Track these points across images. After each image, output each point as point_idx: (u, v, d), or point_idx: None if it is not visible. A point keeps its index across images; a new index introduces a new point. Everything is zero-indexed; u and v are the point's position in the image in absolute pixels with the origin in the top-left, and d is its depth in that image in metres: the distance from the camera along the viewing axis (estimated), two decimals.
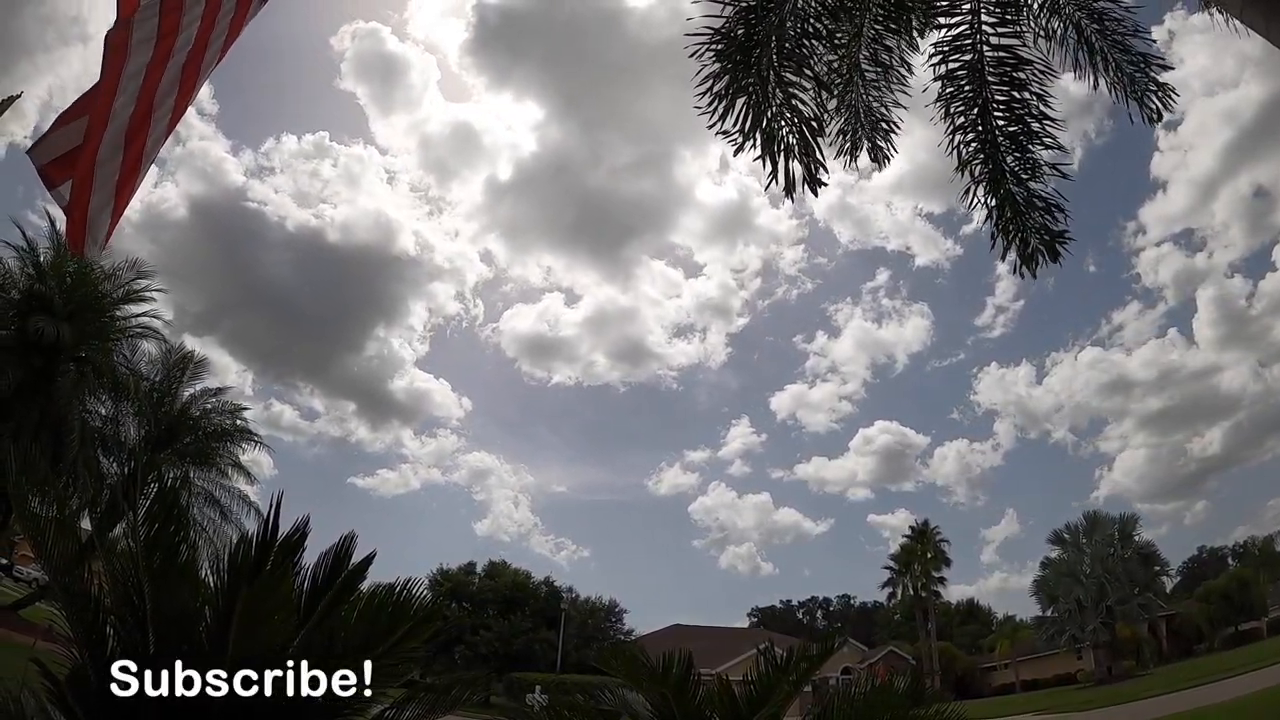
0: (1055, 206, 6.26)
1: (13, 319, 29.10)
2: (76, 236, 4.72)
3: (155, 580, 4.13)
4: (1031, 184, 6.23)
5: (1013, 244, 6.38)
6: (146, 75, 4.59)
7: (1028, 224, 6.31)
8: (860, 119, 6.65)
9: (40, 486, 4.47)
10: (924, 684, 6.12)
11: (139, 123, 4.72)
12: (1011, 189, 6.26)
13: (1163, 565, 62.68)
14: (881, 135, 6.75)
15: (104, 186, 4.68)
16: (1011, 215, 6.32)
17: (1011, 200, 6.28)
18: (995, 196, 6.31)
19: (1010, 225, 6.35)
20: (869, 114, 6.66)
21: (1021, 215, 6.29)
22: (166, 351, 34.22)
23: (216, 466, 34.08)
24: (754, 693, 5.62)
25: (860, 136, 6.74)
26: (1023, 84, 6.04)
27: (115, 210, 4.88)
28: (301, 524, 4.51)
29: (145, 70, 4.56)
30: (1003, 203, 6.31)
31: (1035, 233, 6.30)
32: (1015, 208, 6.29)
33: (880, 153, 6.79)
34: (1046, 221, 6.28)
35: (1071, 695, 46.21)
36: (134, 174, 4.90)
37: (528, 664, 67.08)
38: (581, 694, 6.31)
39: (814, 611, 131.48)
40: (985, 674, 70.28)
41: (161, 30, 4.55)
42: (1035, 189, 6.24)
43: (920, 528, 69.54)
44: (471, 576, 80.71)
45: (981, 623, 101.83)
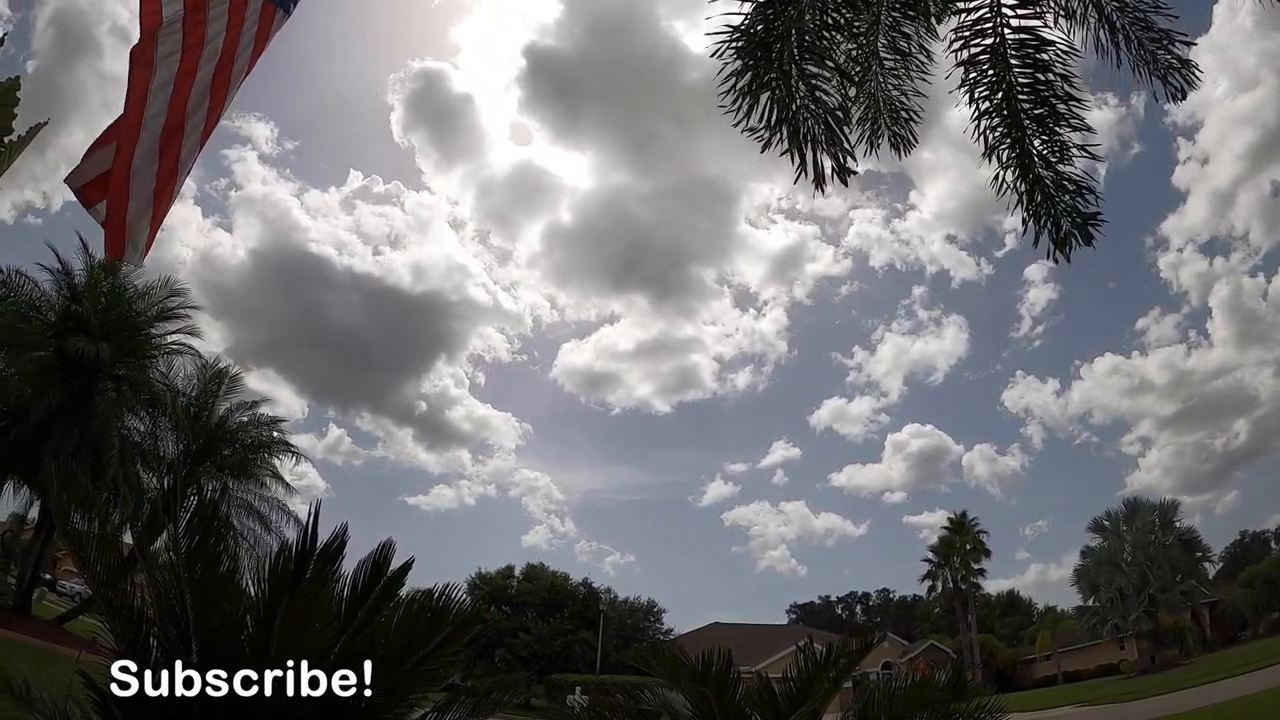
0: (1086, 189, 6.16)
1: (51, 340, 29.54)
2: (116, 243, 4.80)
3: (197, 591, 4.18)
4: (1060, 166, 6.15)
5: (1044, 229, 6.29)
6: (176, 87, 4.68)
7: (1059, 208, 6.22)
8: (881, 108, 6.59)
9: (82, 503, 4.52)
10: (965, 678, 6.06)
11: (172, 133, 4.81)
12: (1041, 173, 6.18)
13: (1205, 551, 61.57)
14: (902, 124, 6.68)
15: (140, 194, 4.78)
16: (1042, 200, 6.23)
17: (1041, 184, 6.20)
18: (1025, 181, 6.24)
19: (1041, 210, 6.26)
20: (889, 103, 6.59)
21: (1052, 199, 6.20)
22: (202, 366, 34.64)
23: (256, 478, 34.38)
24: (794, 690, 5.61)
25: (881, 126, 6.68)
26: (1046, 65, 5.96)
27: (154, 218, 4.98)
28: (340, 532, 4.55)
29: (174, 82, 4.65)
30: (1032, 187, 6.23)
31: (1067, 216, 6.21)
32: (1045, 191, 6.20)
33: (902, 141, 6.72)
34: (1078, 204, 6.18)
35: (1115, 686, 45.66)
36: (170, 183, 4.99)
37: (567, 665, 67.21)
38: (622, 694, 6.32)
39: (853, 607, 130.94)
40: (1027, 666, 69.55)
41: (187, 44, 4.65)
42: (1064, 171, 6.15)
43: (958, 519, 68.72)
44: (510, 580, 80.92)
45: (1022, 614, 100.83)
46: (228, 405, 35.04)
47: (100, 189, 4.61)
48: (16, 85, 4.31)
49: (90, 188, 4.60)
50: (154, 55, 4.46)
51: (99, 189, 4.61)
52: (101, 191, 4.62)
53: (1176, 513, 59.70)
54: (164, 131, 4.76)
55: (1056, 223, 6.22)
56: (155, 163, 4.79)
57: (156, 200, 4.95)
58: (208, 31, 4.79)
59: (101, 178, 4.60)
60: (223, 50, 4.99)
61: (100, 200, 4.63)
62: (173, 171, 4.98)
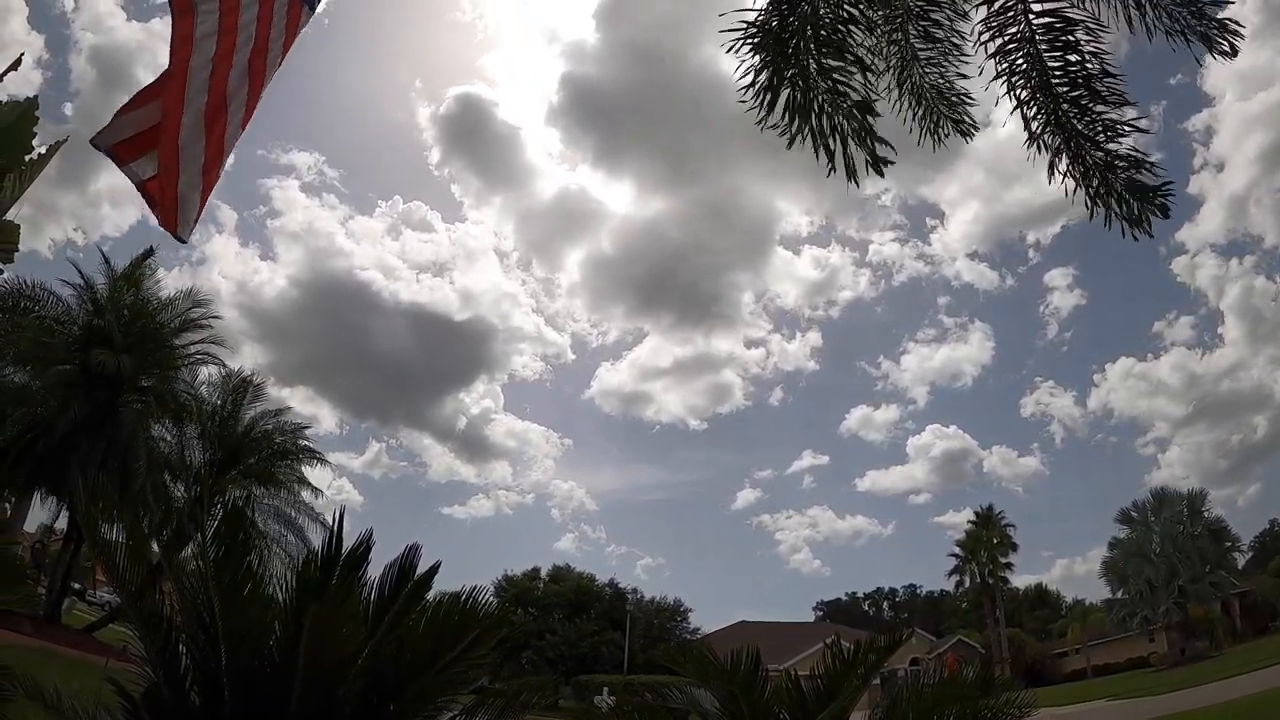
0: (1143, 162, 6.02)
1: (75, 354, 29.84)
2: (170, 216, 4.86)
3: (225, 598, 4.20)
4: (1109, 145, 6.02)
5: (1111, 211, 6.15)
6: (214, 68, 4.76)
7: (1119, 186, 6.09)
8: (928, 99, 6.53)
9: (110, 513, 4.57)
10: (993, 673, 6.01)
11: (215, 111, 4.90)
12: (1091, 155, 6.07)
13: (1234, 541, 60.93)
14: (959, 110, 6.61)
15: (190, 168, 4.86)
16: (1100, 182, 6.11)
17: (1096, 167, 6.08)
18: (1078, 167, 6.13)
19: (1103, 191, 6.14)
20: (938, 91, 6.53)
21: (1109, 180, 6.08)
22: (226, 376, 34.95)
23: (284, 485, 34.63)
24: (821, 687, 5.58)
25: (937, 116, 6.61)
26: (1076, 46, 5.88)
27: (203, 194, 5.05)
28: (365, 538, 4.58)
29: (212, 63, 4.73)
30: (1088, 171, 6.12)
31: (1133, 194, 6.07)
32: (1101, 173, 6.08)
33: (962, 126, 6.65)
34: (1140, 179, 6.04)
35: (1144, 679, 45.18)
36: (216, 161, 5.10)
37: (595, 666, 67.24)
38: (650, 693, 6.31)
39: (880, 603, 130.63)
40: (1056, 661, 68.96)
41: (222, 28, 4.74)
42: (1114, 150, 6.03)
43: (985, 513, 68.19)
44: (536, 582, 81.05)
45: (1051, 608, 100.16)
46: (253, 413, 35.35)
47: (135, 148, 4.67)
48: (35, 105, 4.37)
49: (124, 146, 4.66)
50: (193, 34, 4.53)
51: (136, 147, 4.67)
52: (136, 150, 4.67)
53: (1205, 502, 59.18)
54: (207, 109, 4.84)
55: (1124, 201, 6.08)
56: (201, 138, 4.87)
57: (205, 176, 5.03)
58: (240, 19, 4.87)
59: (138, 137, 4.65)
60: (256, 36, 5.08)
61: (133, 159, 4.69)
62: (218, 150, 5.07)
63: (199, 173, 4.97)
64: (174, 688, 4.37)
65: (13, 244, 4.73)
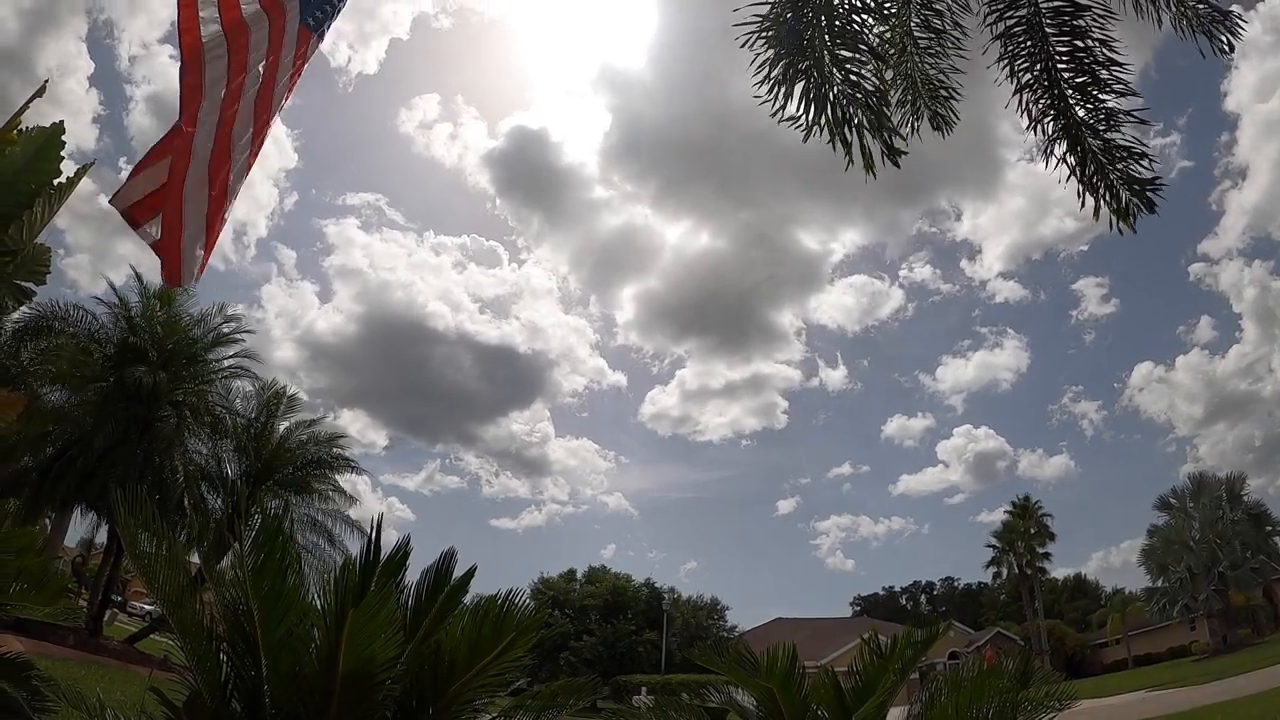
0: (1139, 154, 6.00)
1: (111, 371, 30.27)
2: (173, 269, 4.90)
3: (264, 607, 4.24)
4: (1108, 134, 5.99)
5: (1101, 200, 6.13)
6: (221, 113, 4.76)
7: (1113, 176, 6.07)
8: (919, 88, 6.51)
9: (148, 526, 4.62)
10: (1033, 665, 5.95)
11: (220, 158, 4.90)
12: (1090, 143, 6.04)
13: (1275, 525, 59.83)
14: (941, 102, 6.58)
15: (195, 220, 4.87)
16: (1095, 170, 6.08)
17: (1093, 155, 6.05)
18: (1074, 154, 6.10)
19: (1095, 179, 6.11)
20: (927, 82, 6.50)
21: (1104, 169, 6.05)
22: (260, 388, 35.36)
23: (319, 494, 34.94)
24: (859, 683, 5.57)
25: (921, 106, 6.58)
26: (1083, 32, 5.84)
27: (207, 244, 5.08)
28: (402, 544, 4.62)
29: (220, 107, 4.73)
30: (1083, 159, 6.08)
31: (1124, 184, 6.05)
32: (1097, 161, 6.05)
33: (942, 120, 6.62)
34: (1133, 171, 6.01)
35: (1186, 669, 44.57)
36: (220, 208, 5.09)
37: (632, 666, 67.41)
38: (687, 693, 6.31)
39: (917, 597, 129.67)
40: (1097, 651, 68.22)
41: (232, 69, 4.72)
42: (1113, 139, 6.00)
43: (1022, 502, 67.51)
44: (573, 584, 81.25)
45: (1090, 598, 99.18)
46: (287, 424, 35.73)
47: (147, 209, 4.69)
48: (61, 130, 4.44)
49: (137, 208, 4.69)
50: (202, 82, 4.54)
51: (147, 209, 4.70)
52: (148, 212, 4.70)
53: (1244, 486, 58.08)
54: (212, 158, 4.84)
55: (1114, 192, 6.05)
56: (206, 188, 4.88)
57: (209, 227, 5.05)
58: (250, 58, 4.86)
59: (149, 198, 4.67)
60: (264, 74, 5.07)
61: (147, 221, 4.71)
62: (222, 196, 5.07)
63: (203, 221, 4.98)
64: (215, 695, 4.41)
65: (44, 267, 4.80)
